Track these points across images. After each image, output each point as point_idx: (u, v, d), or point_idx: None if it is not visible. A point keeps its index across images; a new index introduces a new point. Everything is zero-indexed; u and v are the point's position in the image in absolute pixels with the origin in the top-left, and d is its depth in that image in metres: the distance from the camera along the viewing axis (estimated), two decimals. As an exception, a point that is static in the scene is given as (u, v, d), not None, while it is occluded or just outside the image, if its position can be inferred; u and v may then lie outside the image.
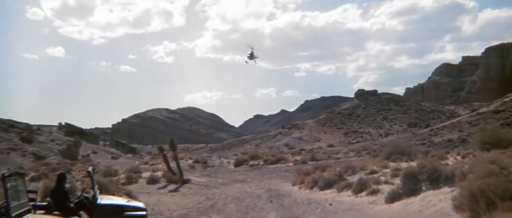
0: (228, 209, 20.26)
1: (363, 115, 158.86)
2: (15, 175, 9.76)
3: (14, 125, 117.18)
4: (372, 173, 24.44)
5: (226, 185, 31.94)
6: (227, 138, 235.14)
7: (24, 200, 9.64)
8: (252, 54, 79.74)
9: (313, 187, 25.28)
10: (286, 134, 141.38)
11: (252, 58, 79.77)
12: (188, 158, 60.32)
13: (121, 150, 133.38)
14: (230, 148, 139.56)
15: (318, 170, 29.87)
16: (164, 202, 23.04)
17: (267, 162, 50.31)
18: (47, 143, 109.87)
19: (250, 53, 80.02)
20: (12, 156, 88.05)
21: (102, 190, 16.48)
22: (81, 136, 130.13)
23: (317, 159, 50.40)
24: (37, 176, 32.61)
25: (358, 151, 69.18)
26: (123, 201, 13.48)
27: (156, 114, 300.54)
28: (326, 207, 18.81)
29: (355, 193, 20.71)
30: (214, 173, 42.98)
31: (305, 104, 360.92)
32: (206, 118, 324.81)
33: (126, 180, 32.37)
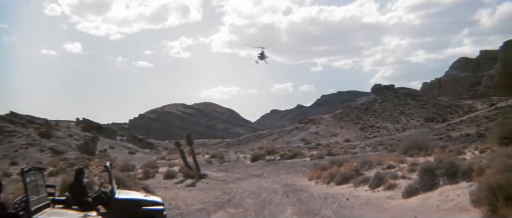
0: (245, 204, 20.28)
1: (380, 110, 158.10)
2: (34, 169, 9.85)
3: (32, 121, 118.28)
4: (389, 168, 24.32)
5: (242, 179, 31.96)
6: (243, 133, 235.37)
7: (43, 194, 9.72)
8: (263, 54, 78.56)
9: (329, 182, 25.23)
10: (302, 128, 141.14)
11: (263, 58, 79.30)
12: (205, 153, 60.39)
13: (138, 145, 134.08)
14: (247, 143, 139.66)
15: (335, 164, 29.77)
16: (181, 196, 23.11)
17: (284, 156, 50.29)
18: (65, 138, 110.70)
19: (261, 53, 78.99)
20: (31, 151, 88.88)
21: (119, 185, 16.58)
22: (98, 131, 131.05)
23: (333, 154, 50.35)
24: (55, 171, 32.87)
25: (374, 146, 68.97)
26: (140, 196, 13.57)
27: (172, 109, 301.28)
28: (343, 202, 18.78)
29: (372, 188, 20.64)
30: (231, 168, 43.03)
31: (321, 99, 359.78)
32: (222, 113, 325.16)
33: (143, 175, 32.48)
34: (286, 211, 17.76)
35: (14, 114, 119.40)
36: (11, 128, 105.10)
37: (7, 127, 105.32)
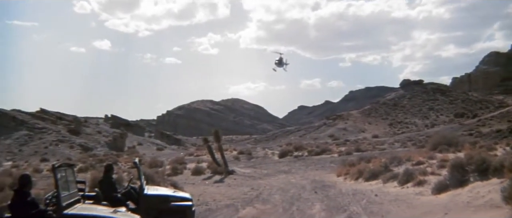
0: (273, 200, 20.27)
1: (409, 105, 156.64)
2: (65, 165, 9.95)
3: (62, 117, 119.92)
4: (418, 164, 24.16)
5: (270, 176, 31.96)
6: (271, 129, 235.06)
7: (74, 190, 9.82)
8: (281, 60, 75.53)
9: (358, 178, 25.13)
10: (330, 124, 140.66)
11: (281, 65, 77.13)
12: (233, 149, 60.73)
13: (166, 141, 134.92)
14: (274, 139, 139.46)
15: (363, 161, 29.70)
16: (209, 192, 23.19)
17: (312, 153, 50.25)
18: (94, 135, 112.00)
19: (278, 60, 76.44)
20: (61, 148, 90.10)
21: (148, 181, 16.70)
22: (127, 128, 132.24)
23: (362, 150, 50.14)
24: (84, 167, 33.35)
25: (403, 142, 68.48)
26: (169, 192, 13.64)
27: (200, 105, 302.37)
28: (371, 198, 18.67)
29: (401, 184, 20.50)
30: (259, 164, 43.08)
31: (349, 95, 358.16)
32: (250, 109, 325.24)
33: (172, 171, 32.73)
34: (314, 207, 17.71)
35: (44, 111, 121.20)
36: (42, 125, 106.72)
37: (37, 123, 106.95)
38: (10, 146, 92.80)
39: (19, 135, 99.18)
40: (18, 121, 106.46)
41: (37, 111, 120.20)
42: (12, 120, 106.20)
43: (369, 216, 15.27)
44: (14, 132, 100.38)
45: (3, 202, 13.14)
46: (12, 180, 21.77)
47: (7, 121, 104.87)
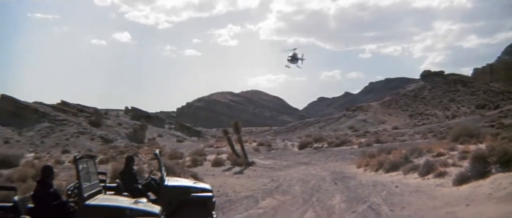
0: (293, 191, 20.28)
1: (429, 97, 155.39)
2: (86, 157, 10.02)
3: (83, 110, 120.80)
4: (439, 156, 23.96)
5: (290, 167, 31.99)
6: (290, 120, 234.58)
7: (95, 181, 9.88)
8: (295, 56, 74.28)
9: (378, 170, 25.07)
10: (350, 116, 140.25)
11: (295, 61, 74.45)
12: (252, 141, 60.73)
13: (186, 133, 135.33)
14: (294, 131, 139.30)
15: (383, 152, 29.60)
16: (229, 184, 23.25)
17: (331, 144, 50.20)
18: (114, 127, 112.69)
19: (291, 56, 74.54)
20: (82, 139, 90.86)
21: (168, 172, 16.77)
22: (147, 120, 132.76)
23: (382, 141, 49.99)
24: (105, 159, 33.57)
25: (424, 133, 68.08)
26: (189, 183, 13.66)
27: (220, 97, 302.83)
28: (392, 189, 18.61)
29: (422, 176, 20.38)
30: (278, 155, 43.11)
31: (369, 86, 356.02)
32: (269, 100, 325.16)
33: (192, 163, 32.84)
34: (334, 198, 17.69)
35: (65, 103, 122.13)
36: (63, 117, 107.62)
37: (58, 116, 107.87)
38: (33, 137, 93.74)
39: (41, 127, 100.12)
40: (40, 113, 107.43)
41: (58, 103, 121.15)
42: (34, 112, 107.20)
43: (390, 207, 15.21)
44: (36, 124, 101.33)
45: (26, 192, 13.30)
46: (35, 171, 21.99)
47: (29, 113, 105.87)
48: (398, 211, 14.53)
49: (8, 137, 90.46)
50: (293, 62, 74.52)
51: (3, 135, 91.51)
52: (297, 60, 74.79)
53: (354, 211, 15.12)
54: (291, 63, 74.42)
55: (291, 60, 73.96)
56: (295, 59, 74.75)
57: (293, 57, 74.45)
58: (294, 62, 74.73)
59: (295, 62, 74.88)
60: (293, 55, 74.46)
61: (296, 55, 74.67)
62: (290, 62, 74.34)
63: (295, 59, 74.82)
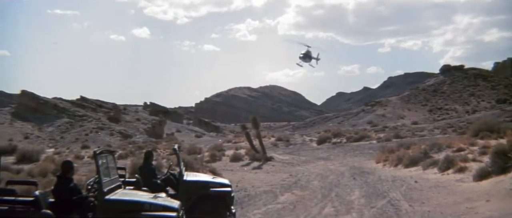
0: (312, 186, 20.27)
1: (449, 91, 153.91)
2: (106, 152, 10.07)
3: (102, 105, 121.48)
4: (459, 151, 23.86)
5: (309, 162, 31.97)
6: (309, 115, 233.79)
7: (115, 176, 9.93)
8: (308, 54, 69.71)
9: (397, 165, 24.98)
10: (369, 111, 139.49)
11: (308, 59, 70.31)
12: (271, 136, 60.73)
13: (205, 128, 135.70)
14: (313, 126, 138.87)
15: (403, 147, 29.46)
16: (248, 179, 23.29)
17: (350, 139, 50.02)
18: (133, 122, 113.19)
19: (304, 53, 69.73)
20: (101, 135, 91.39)
21: (187, 167, 16.84)
22: (165, 115, 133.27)
23: (401, 137, 49.70)
24: (124, 154, 33.74)
25: (443, 128, 67.49)
26: (208, 178, 13.72)
27: (238, 92, 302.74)
28: (411, 184, 18.53)
29: (441, 171, 20.27)
30: (297, 150, 43.10)
31: (388, 81, 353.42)
32: (287, 96, 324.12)
33: (210, 158, 32.89)
34: (353, 194, 17.66)
35: (85, 98, 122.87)
36: (82, 113, 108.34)
37: (78, 111, 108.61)
38: (52, 133, 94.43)
39: (60, 123, 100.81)
40: (60, 109, 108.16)
41: (77, 99, 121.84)
42: (54, 107, 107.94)
43: (409, 202, 15.15)
44: (56, 120, 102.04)
45: (47, 187, 13.42)
46: (55, 166, 22.19)
47: (49, 109, 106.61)
48: (417, 207, 14.47)
49: (29, 133, 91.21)
50: (306, 61, 70.59)
51: (23, 130, 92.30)
52: (310, 58, 70.56)
53: (373, 206, 15.07)
54: (303, 62, 70.55)
55: (303, 58, 69.98)
56: (308, 57, 70.17)
57: (306, 55, 69.78)
58: (306, 61, 70.61)
59: (308, 60, 70.57)
60: (306, 52, 69.71)
61: (310, 53, 70.04)
62: (302, 60, 70.73)
63: (309, 57, 70.22)
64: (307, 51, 68.78)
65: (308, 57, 69.04)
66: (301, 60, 69.30)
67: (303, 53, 68.74)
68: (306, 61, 69.47)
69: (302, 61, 69.65)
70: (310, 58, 69.25)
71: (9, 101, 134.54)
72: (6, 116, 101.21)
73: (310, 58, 69.23)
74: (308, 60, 69.54)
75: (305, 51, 68.78)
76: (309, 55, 68.87)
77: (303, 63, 70.28)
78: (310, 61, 69.56)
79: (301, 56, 68.66)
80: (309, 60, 69.43)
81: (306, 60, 69.23)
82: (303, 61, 69.60)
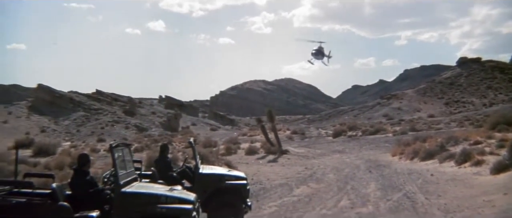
0: (327, 179, 20.26)
1: (466, 84, 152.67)
2: (122, 145, 10.12)
3: (117, 99, 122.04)
4: (476, 144, 23.73)
5: (324, 155, 31.92)
6: (324, 109, 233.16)
7: (131, 169, 9.98)
8: (320, 50, 68.92)
9: (413, 158, 24.85)
10: (384, 104, 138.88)
11: (320, 56, 69.63)
12: (286, 129, 60.63)
13: (220, 121, 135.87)
14: (328, 119, 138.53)
15: (419, 140, 29.31)
16: (263, 172, 23.31)
17: (366, 132, 49.83)
18: (148, 116, 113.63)
19: (316, 49, 69.07)
20: (116, 128, 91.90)
21: (202, 160, 16.88)
22: (180, 108, 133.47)
23: (417, 130, 49.39)
24: (140, 147, 33.90)
25: (460, 121, 67.05)
26: (224, 171, 13.75)
27: (253, 85, 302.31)
28: (427, 178, 18.46)
29: (458, 164, 20.15)
30: (312, 143, 43.03)
31: (404, 73, 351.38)
32: (303, 89, 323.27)
33: (225, 151, 32.94)
34: (369, 187, 17.63)
35: (100, 92, 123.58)
36: (98, 106, 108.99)
37: (93, 105, 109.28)
38: (68, 126, 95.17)
39: (76, 116, 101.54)
40: (76, 103, 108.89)
41: (93, 92, 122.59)
42: (70, 101, 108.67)
43: (425, 195, 15.10)
44: (72, 113, 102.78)
45: (63, 180, 13.52)
46: (71, 160, 22.38)
47: (65, 102, 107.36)
48: (433, 199, 14.42)
49: (45, 126, 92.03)
50: (318, 58, 70.35)
51: (40, 124, 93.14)
52: (323, 55, 70.16)
53: (389, 199, 15.05)
54: (315, 59, 70.83)
55: (315, 54, 69.67)
56: (320, 54, 69.79)
57: (319, 51, 69.39)
58: (319, 58, 70.39)
59: (320, 58, 70.26)
60: (318, 49, 69.32)
61: (322, 50, 69.50)
62: (314, 57, 70.38)
63: (321, 54, 69.83)
64: (319, 48, 67.88)
65: (321, 54, 68.02)
66: (313, 56, 68.31)
67: (316, 49, 67.86)
68: (318, 59, 68.59)
69: (314, 58, 68.64)
70: (322, 55, 68.29)
71: (25, 95, 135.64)
72: (23, 110, 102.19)
73: (323, 55, 68.22)
74: (321, 58, 68.60)
75: (318, 48, 67.77)
76: (322, 52, 67.86)
77: (315, 60, 69.24)
78: (323, 58, 68.54)
79: (313, 52, 67.59)
80: (322, 58, 68.56)
81: (318, 57, 68.37)
82: (315, 58, 68.62)
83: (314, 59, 69.22)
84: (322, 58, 68.60)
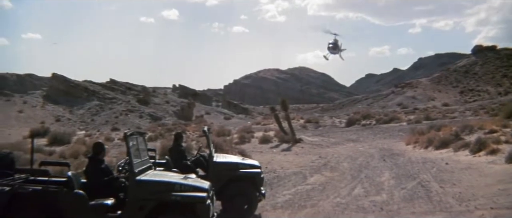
0: (341, 167, 20.23)
1: (481, 72, 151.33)
2: (136, 134, 10.15)
3: (131, 88, 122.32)
4: (491, 133, 23.60)
5: (338, 144, 31.83)
6: (338, 97, 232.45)
7: (145, 157, 10.02)
8: (336, 44, 67.45)
9: (427, 147, 24.71)
10: (399, 93, 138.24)
11: (336, 50, 68.19)
12: (300, 118, 60.63)
13: (233, 110, 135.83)
14: (342, 108, 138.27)
15: (433, 129, 29.19)
16: (277, 160, 23.30)
17: (380, 121, 49.64)
18: (162, 105, 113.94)
19: (333, 43, 67.53)
20: (130, 117, 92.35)
21: (216, 149, 16.92)
22: (194, 97, 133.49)
23: (431, 118, 49.13)
24: (154, 136, 33.97)
25: (475, 110, 66.60)
26: (238, 159, 13.78)
27: (267, 74, 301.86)
28: (442, 166, 18.38)
29: (473, 153, 20.03)
30: (326, 132, 42.92)
31: (418, 62, 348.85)
32: (316, 77, 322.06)
33: (239, 140, 32.91)
34: (383, 175, 17.60)
35: (114, 81, 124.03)
36: (112, 95, 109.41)
37: (108, 94, 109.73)
38: (83, 115, 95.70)
39: (91, 105, 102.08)
40: (90, 92, 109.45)
41: (107, 82, 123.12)
42: (84, 90, 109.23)
43: (440, 184, 15.05)
44: (86, 102, 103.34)
45: (78, 168, 13.63)
46: (86, 148, 22.52)
47: (80, 91, 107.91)
48: (448, 188, 14.37)
49: (60, 115, 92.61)
50: (335, 52, 68.70)
51: (55, 113, 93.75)
52: (339, 49, 68.59)
53: (404, 187, 15.02)
54: (331, 53, 68.97)
55: (332, 48, 68.01)
56: (337, 48, 68.16)
57: (335, 44, 67.77)
58: (335, 52, 68.75)
59: (336, 52, 68.75)
60: (334, 42, 67.70)
61: (338, 43, 67.93)
62: (330, 51, 68.65)
63: (337, 48, 68.18)
64: (335, 41, 66.71)
65: (337, 47, 67.11)
66: (329, 51, 67.29)
67: (332, 42, 66.59)
68: (334, 53, 67.50)
69: (330, 53, 67.76)
70: (338, 49, 67.33)
71: (41, 84, 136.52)
72: (38, 99, 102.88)
73: (339, 49, 67.31)
74: (336, 52, 67.67)
75: (333, 41, 66.73)
76: (338, 45, 66.88)
77: (331, 54, 68.27)
78: (338, 52, 67.63)
79: (330, 45, 66.55)
80: (338, 51, 67.51)
81: (335, 51, 67.31)
82: (331, 53, 67.71)
83: (330, 54, 68.03)
84: (338, 52, 67.47)
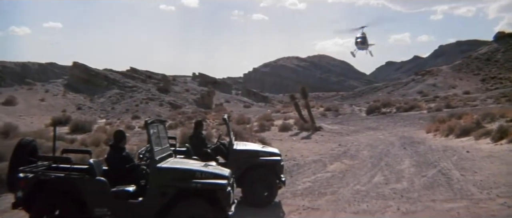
0: (361, 155, 20.19)
1: (503, 60, 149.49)
2: (157, 122, 10.22)
3: (151, 76, 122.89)
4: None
5: (358, 132, 31.78)
6: (358, 85, 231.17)
7: (166, 145, 10.09)
8: (365, 38, 64.25)
9: (448, 135, 24.60)
10: (419, 80, 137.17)
11: (365, 45, 64.90)
12: (319, 106, 60.46)
13: (253, 98, 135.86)
14: (362, 96, 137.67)
15: (454, 117, 29.05)
16: (297, 148, 23.31)
17: (400, 109, 49.43)
18: (182, 93, 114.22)
19: (362, 37, 64.10)
20: (151, 105, 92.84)
21: (236, 137, 16.97)
22: (214, 86, 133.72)
23: (452, 106, 48.80)
24: (174, 124, 34.09)
25: (497, 98, 65.98)
26: (258, 147, 13.80)
27: (286, 62, 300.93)
28: (462, 154, 18.27)
29: (495, 141, 19.89)
30: (346, 120, 42.87)
31: (439, 49, 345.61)
32: (336, 65, 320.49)
33: (259, 128, 32.95)
34: (403, 163, 17.54)
35: (134, 69, 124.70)
36: (132, 84, 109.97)
37: (128, 82, 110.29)
38: (104, 104, 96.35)
39: (111, 94, 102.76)
40: (110, 80, 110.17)
41: (127, 70, 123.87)
42: (105, 79, 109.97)
43: (460, 172, 14.97)
44: (107, 91, 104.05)
45: (99, 156, 13.75)
46: (107, 136, 22.69)
47: (100, 80, 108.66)
48: (469, 176, 14.30)
49: (81, 104, 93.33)
50: (363, 48, 64.98)
51: (76, 101, 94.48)
52: (368, 44, 64.99)
53: (424, 175, 14.97)
54: (359, 49, 65.14)
55: (361, 43, 64.26)
56: (365, 43, 64.55)
57: (364, 39, 64.15)
58: (364, 48, 65.05)
59: (365, 47, 65.03)
60: (363, 36, 63.97)
61: (367, 39, 64.36)
62: (358, 46, 64.74)
63: (366, 42, 64.59)
64: (363, 35, 64.23)
65: (366, 43, 64.86)
66: (357, 46, 64.68)
67: (361, 37, 64.46)
68: (363, 48, 64.81)
69: (357, 49, 65.38)
70: (367, 44, 65.06)
71: (62, 73, 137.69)
72: (60, 88, 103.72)
73: (368, 44, 65.02)
74: (365, 47, 65.42)
75: (361, 35, 64.51)
76: (366, 40, 64.40)
77: (359, 51, 65.72)
78: (367, 48, 65.36)
79: (359, 40, 64.31)
80: (367, 47, 65.21)
81: (364, 46, 64.68)
82: (359, 49, 65.20)
83: (357, 50, 65.62)
84: (367, 48, 65.13)
